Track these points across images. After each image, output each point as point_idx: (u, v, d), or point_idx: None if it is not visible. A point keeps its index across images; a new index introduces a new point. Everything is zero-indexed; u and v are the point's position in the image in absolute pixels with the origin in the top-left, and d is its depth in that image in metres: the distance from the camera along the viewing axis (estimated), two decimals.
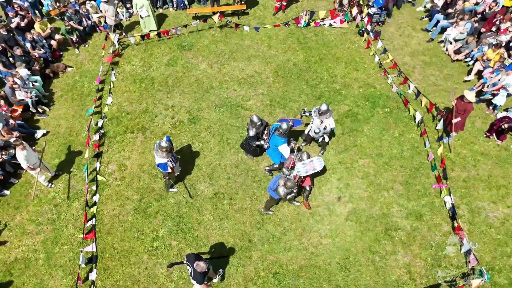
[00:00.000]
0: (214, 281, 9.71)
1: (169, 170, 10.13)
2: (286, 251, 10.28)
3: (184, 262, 8.65)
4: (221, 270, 9.89)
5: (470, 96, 11.20)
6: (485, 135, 12.55)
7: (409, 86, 14.26)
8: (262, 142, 11.12)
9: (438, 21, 16.19)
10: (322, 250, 10.36)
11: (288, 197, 10.01)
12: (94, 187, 11.44)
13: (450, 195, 11.08)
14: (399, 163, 12.23)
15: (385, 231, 10.75)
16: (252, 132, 10.97)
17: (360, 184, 11.71)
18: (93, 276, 9.71)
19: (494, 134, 12.58)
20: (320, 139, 11.53)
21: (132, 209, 11.14)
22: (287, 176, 9.95)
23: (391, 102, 14.02)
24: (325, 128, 11.10)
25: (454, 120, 11.63)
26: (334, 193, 11.52)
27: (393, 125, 13.27)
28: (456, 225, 10.43)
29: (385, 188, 11.64)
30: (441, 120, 12.51)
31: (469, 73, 14.81)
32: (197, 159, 12.28)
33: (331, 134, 12.75)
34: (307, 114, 11.57)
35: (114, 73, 14.85)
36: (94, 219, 10.83)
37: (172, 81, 14.81)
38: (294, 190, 10.02)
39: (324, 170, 11.88)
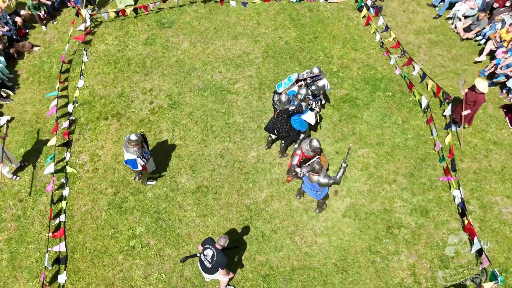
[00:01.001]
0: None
1: (140, 168, 9.96)
2: (277, 251, 10.15)
3: (199, 254, 8.52)
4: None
5: (482, 86, 11.00)
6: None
7: (413, 68, 14.09)
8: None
9: None
10: (317, 250, 10.24)
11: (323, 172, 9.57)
12: (63, 180, 11.26)
13: (459, 189, 10.89)
14: (402, 153, 12.09)
15: (387, 228, 10.61)
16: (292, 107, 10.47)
17: (359, 177, 11.55)
18: (62, 279, 9.54)
19: (508, 121, 12.80)
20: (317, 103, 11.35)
21: (105, 204, 10.99)
22: (306, 166, 9.75)
23: (393, 85, 13.87)
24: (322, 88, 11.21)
25: (464, 113, 11.54)
26: (331, 186, 11.01)
27: (396, 111, 13.12)
28: (466, 222, 10.30)
29: (387, 181, 11.48)
30: (449, 105, 12.28)
31: (480, 53, 14.60)
32: (178, 149, 12.11)
33: (326, 120, 12.75)
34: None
35: (86, 53, 14.63)
36: (63, 215, 10.63)
37: (150, 62, 14.62)
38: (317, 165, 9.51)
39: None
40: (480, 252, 9.72)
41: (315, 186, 9.45)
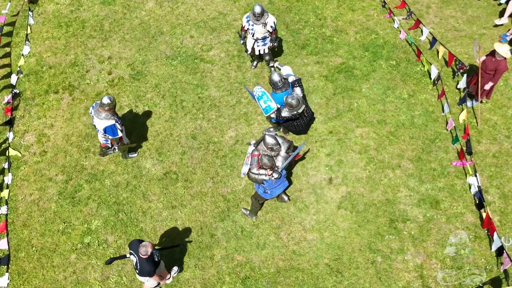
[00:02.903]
0: (167, 282, 9.57)
1: (120, 134, 10.14)
2: (259, 249, 10.13)
3: (128, 255, 8.55)
4: (176, 268, 9.69)
5: (504, 50, 10.84)
6: None
7: (421, 32, 13.89)
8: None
9: None
10: (306, 248, 10.18)
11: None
12: (5, 165, 11.18)
13: (475, 176, 10.68)
14: (408, 133, 11.94)
15: (389, 222, 10.50)
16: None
17: (357, 161, 11.44)
18: (3, 282, 9.48)
19: None
20: (275, 44, 11.95)
21: (56, 194, 10.89)
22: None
23: (398, 52, 13.68)
24: (272, 30, 11.55)
25: (487, 86, 11.42)
26: (323, 172, 11.22)
27: (400, 83, 12.94)
28: (483, 215, 10.09)
29: (389, 166, 11.34)
30: (464, 76, 12.07)
31: (501, 14, 14.22)
32: (142, 128, 11.98)
33: (318, 94, 12.79)
34: (244, 33, 12.05)
35: (31, 14, 14.35)
36: (5, 207, 10.57)
37: (109, 25, 14.40)
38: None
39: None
40: (500, 250, 9.58)
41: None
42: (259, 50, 12.51)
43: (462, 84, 12.32)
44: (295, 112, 10.72)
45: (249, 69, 13.30)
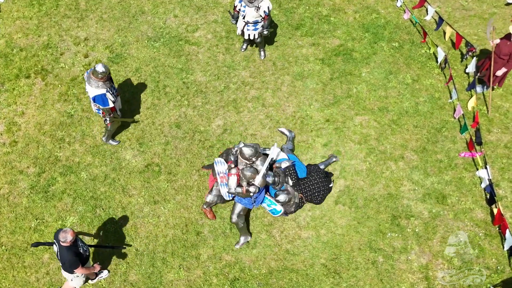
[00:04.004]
0: (90, 282, 9.42)
1: (111, 105, 10.12)
2: (249, 248, 10.06)
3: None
4: (106, 272, 9.67)
5: None
6: None
7: (427, 11, 13.80)
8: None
9: None
10: (301, 247, 10.13)
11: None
12: None
13: (486, 168, 10.55)
14: (412, 121, 11.87)
15: (392, 219, 10.41)
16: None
17: (356, 152, 11.36)
18: None
19: None
20: (265, 32, 11.95)
21: (27, 188, 10.75)
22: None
23: (401, 33, 13.61)
24: (265, 15, 11.49)
25: (499, 72, 11.33)
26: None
27: (403, 67, 12.86)
28: (495, 210, 9.99)
29: (392, 158, 11.27)
30: (474, 60, 11.92)
31: None
32: (121, 116, 11.49)
33: (314, 79, 12.72)
34: (236, 13, 11.90)
35: None
36: None
37: (85, 4, 14.12)
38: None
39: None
40: None
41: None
42: (249, 35, 12.36)
43: (471, 68, 12.20)
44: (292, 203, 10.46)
45: (238, 51, 13.15)
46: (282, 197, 10.00)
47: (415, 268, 9.87)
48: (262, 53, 13.07)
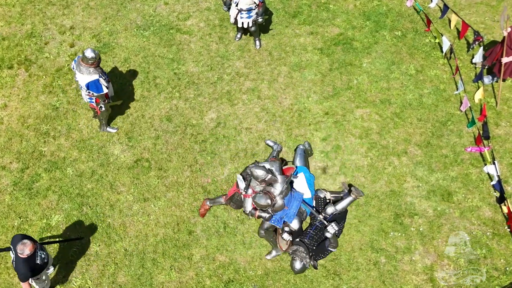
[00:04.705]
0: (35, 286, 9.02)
1: (105, 90, 10.21)
2: (244, 248, 10.01)
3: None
4: (51, 268, 9.53)
5: None
6: None
7: None
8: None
9: None
10: None
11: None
12: None
13: (494, 164, 10.49)
14: (416, 114, 11.81)
15: (395, 217, 10.34)
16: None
17: (357, 147, 11.31)
18: None
19: None
20: (260, 19, 11.89)
21: (10, 184, 10.72)
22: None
23: (404, 22, 13.56)
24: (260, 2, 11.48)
25: (505, 59, 11.14)
26: (318, 160, 11.03)
27: (407, 57, 12.79)
28: (505, 209, 10.08)
29: (395, 153, 11.21)
30: (481, 49, 11.90)
31: None
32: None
33: (312, 70, 12.66)
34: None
35: None
36: None
37: None
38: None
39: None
40: None
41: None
42: (243, 23, 12.23)
43: (478, 58, 12.15)
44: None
45: (232, 40, 13.10)
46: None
47: (419, 269, 9.78)
48: (257, 42, 12.94)
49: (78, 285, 9.55)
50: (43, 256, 8.48)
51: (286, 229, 9.53)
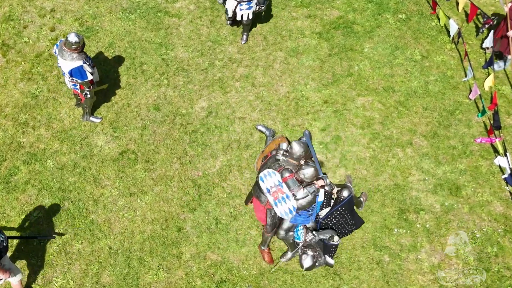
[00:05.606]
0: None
1: (90, 77, 10.15)
2: (238, 246, 9.95)
3: None
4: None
5: None
6: None
7: None
8: None
9: None
10: None
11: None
12: None
13: (505, 156, 10.45)
14: (421, 102, 11.80)
15: (399, 213, 10.29)
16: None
17: (358, 137, 11.29)
18: None
19: None
20: (262, 7, 11.87)
21: None
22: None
23: (408, 4, 13.54)
24: None
25: (511, 33, 11.00)
26: (316, 151, 10.66)
27: (411, 42, 12.78)
28: None
29: (399, 144, 11.19)
30: (491, 33, 11.75)
31: None
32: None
33: (310, 55, 12.69)
34: None
35: None
36: None
37: None
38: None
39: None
40: None
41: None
42: (242, 15, 12.12)
43: (488, 42, 12.01)
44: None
45: (224, 24, 13.08)
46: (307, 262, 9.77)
47: (425, 269, 9.73)
48: (245, 37, 12.86)
49: (59, 285, 9.43)
50: (1, 238, 8.38)
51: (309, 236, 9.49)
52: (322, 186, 9.07)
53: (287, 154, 9.00)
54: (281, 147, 9.54)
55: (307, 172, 8.64)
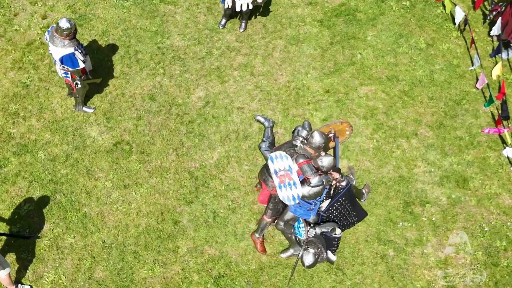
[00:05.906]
0: None
1: (81, 65, 10.08)
2: (236, 240, 9.93)
3: None
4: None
5: None
6: None
7: None
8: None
9: None
10: None
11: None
12: None
13: None
14: (427, 92, 11.77)
15: (404, 206, 10.28)
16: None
17: (361, 128, 11.26)
18: None
19: None
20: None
21: None
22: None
23: None
24: None
25: None
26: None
27: (416, 30, 12.74)
28: None
29: (403, 135, 11.18)
30: (499, 21, 11.70)
31: None
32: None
33: (311, 43, 12.63)
34: None
35: None
36: None
37: None
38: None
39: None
40: None
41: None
42: (241, 5, 11.98)
43: (496, 30, 11.98)
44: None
45: (222, 11, 12.87)
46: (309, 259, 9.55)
47: (432, 263, 9.72)
48: (243, 25, 12.76)
49: (50, 280, 9.38)
50: None
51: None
52: (336, 179, 9.11)
53: (305, 142, 9.02)
54: (300, 133, 9.59)
55: (326, 160, 8.64)
